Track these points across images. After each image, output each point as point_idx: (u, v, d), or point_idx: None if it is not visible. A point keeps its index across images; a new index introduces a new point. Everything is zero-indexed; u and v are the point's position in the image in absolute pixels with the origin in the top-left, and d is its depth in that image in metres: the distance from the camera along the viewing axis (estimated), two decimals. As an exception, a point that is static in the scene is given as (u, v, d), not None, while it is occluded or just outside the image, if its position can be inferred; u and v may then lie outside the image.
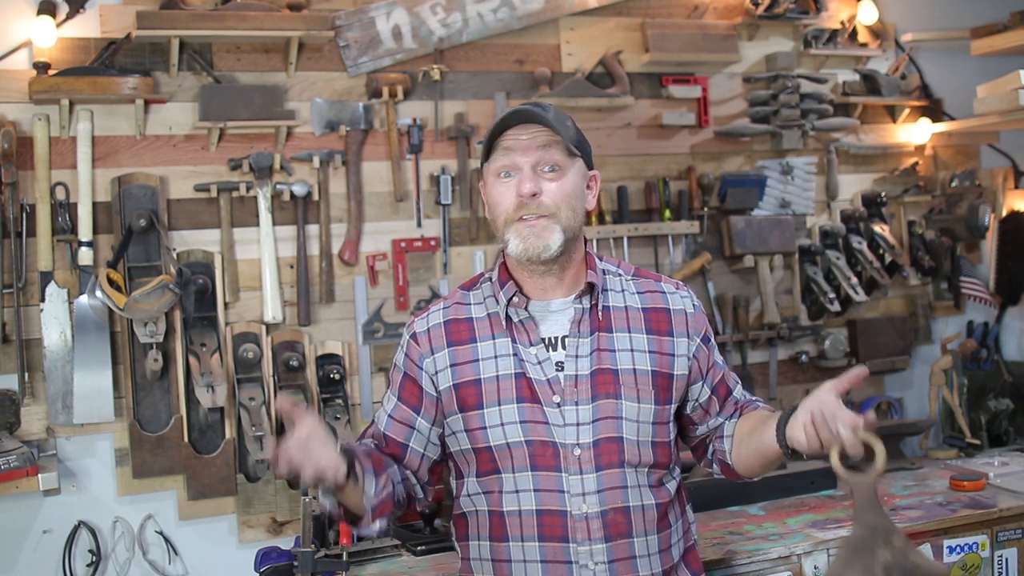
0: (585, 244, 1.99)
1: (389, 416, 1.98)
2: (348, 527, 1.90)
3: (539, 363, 1.90)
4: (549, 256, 1.85)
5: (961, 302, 3.83)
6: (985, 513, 2.79)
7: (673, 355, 1.95)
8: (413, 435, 1.97)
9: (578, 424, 1.87)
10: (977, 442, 3.49)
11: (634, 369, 1.91)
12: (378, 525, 1.88)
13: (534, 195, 1.83)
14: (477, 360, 1.92)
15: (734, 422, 2.03)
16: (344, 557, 2.42)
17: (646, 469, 1.91)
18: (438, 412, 1.96)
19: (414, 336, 1.99)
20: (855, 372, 1.76)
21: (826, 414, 1.74)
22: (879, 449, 1.68)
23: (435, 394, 1.95)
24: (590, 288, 1.93)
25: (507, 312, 1.92)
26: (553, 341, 1.92)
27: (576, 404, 1.87)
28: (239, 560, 2.89)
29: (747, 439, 1.95)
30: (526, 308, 1.93)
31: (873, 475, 1.73)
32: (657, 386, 1.92)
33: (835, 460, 1.75)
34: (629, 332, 1.93)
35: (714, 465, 2.07)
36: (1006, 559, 2.83)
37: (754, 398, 2.09)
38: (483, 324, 1.95)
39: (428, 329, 1.97)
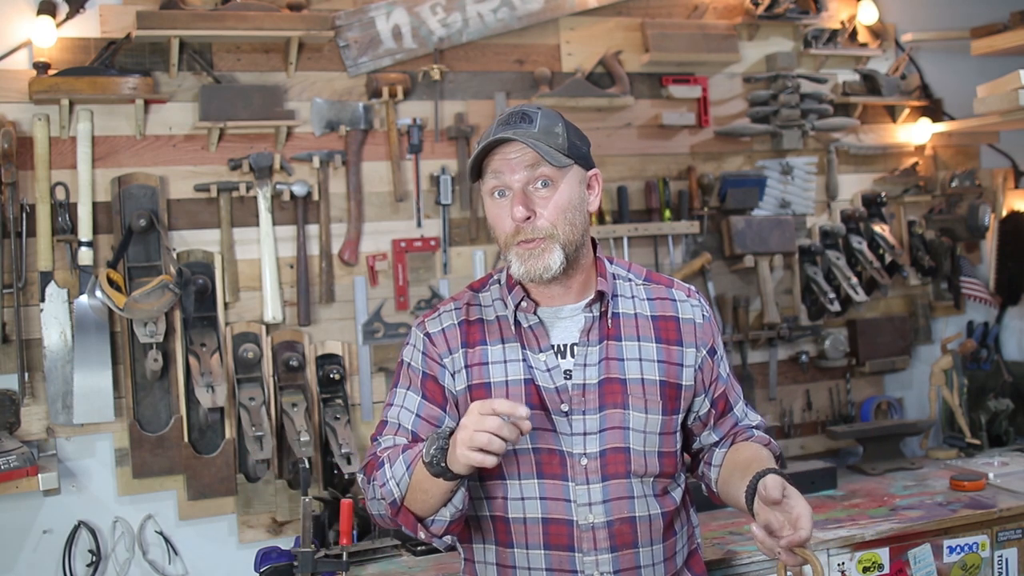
0: (595, 248, 1.96)
1: (416, 415, 1.93)
2: (411, 525, 1.82)
3: (548, 370, 1.87)
4: (550, 276, 1.83)
5: (961, 302, 3.83)
6: (985, 513, 2.79)
7: (681, 365, 1.93)
8: None
9: (585, 433, 1.85)
10: (977, 442, 3.49)
11: (642, 379, 1.89)
12: (448, 539, 1.85)
13: (528, 218, 1.80)
14: (487, 363, 1.90)
15: (723, 452, 1.99)
16: (344, 557, 2.42)
17: (652, 479, 1.89)
18: (457, 412, 1.93)
19: (429, 336, 1.95)
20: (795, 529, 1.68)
21: (770, 529, 1.69)
22: (815, 567, 1.66)
23: (455, 393, 1.93)
24: (600, 296, 1.90)
25: (516, 317, 1.90)
26: (562, 348, 1.89)
27: (584, 413, 1.85)
28: (239, 560, 2.89)
29: (729, 480, 1.92)
30: (535, 313, 1.90)
31: None
32: (665, 396, 1.90)
33: (780, 574, 1.75)
34: (638, 340, 1.91)
35: (703, 485, 2.06)
36: (1006, 559, 2.83)
37: (754, 423, 2.05)
38: (493, 327, 1.93)
39: (443, 329, 1.95)
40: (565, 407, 1.85)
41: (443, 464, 1.69)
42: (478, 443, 1.62)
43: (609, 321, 1.90)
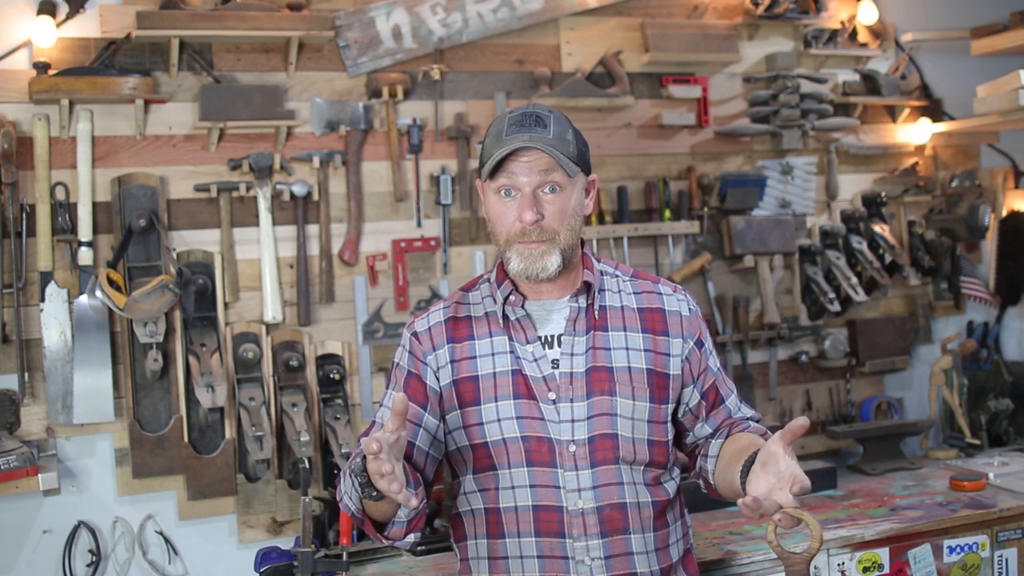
0: (583, 245, 1.99)
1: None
2: (373, 533, 1.88)
3: (535, 360, 1.91)
4: (547, 276, 1.88)
5: (961, 302, 3.83)
6: (985, 513, 2.79)
7: (668, 355, 1.96)
8: (420, 433, 1.96)
9: (573, 421, 1.88)
10: (977, 442, 3.49)
11: (629, 367, 1.92)
12: (412, 538, 1.87)
13: (536, 221, 1.84)
14: (475, 357, 1.94)
15: (720, 443, 2.00)
16: (344, 557, 2.42)
17: (642, 467, 1.92)
18: (441, 409, 1.97)
19: (416, 334, 2.00)
20: (798, 423, 1.66)
21: (761, 498, 1.64)
22: (814, 528, 1.63)
23: (438, 390, 1.96)
24: (586, 287, 1.94)
25: (504, 310, 1.94)
26: (549, 339, 1.93)
27: (571, 401, 1.89)
28: (239, 560, 2.89)
29: (726, 469, 1.92)
30: (523, 306, 1.95)
31: (806, 556, 1.68)
32: (653, 384, 1.93)
33: (770, 535, 1.71)
34: (625, 331, 1.95)
35: (700, 481, 2.07)
36: (1006, 559, 2.83)
37: (748, 415, 2.06)
38: (481, 322, 1.97)
39: (429, 328, 1.99)
40: (552, 395, 1.89)
41: (375, 492, 1.71)
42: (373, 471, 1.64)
43: (596, 313, 1.94)
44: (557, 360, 1.91)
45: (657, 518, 1.92)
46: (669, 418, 1.98)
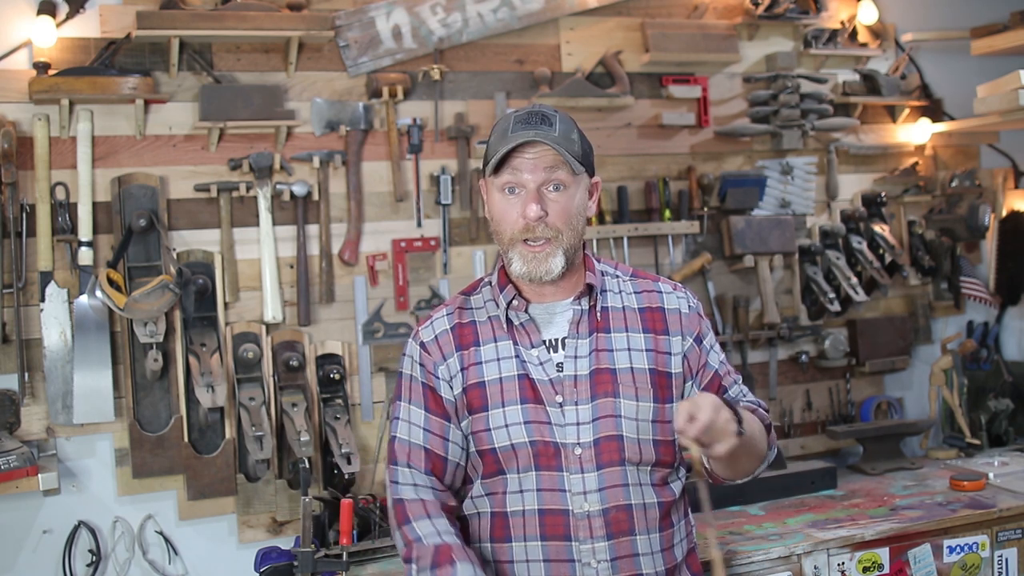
0: (584, 247, 2.00)
1: (425, 430, 1.96)
2: None
3: (541, 364, 1.92)
4: (550, 279, 1.89)
5: (961, 302, 3.83)
6: (985, 513, 2.79)
7: (670, 353, 1.96)
8: (449, 446, 1.97)
9: (578, 423, 1.88)
10: (977, 442, 3.49)
11: (631, 368, 1.92)
12: None
13: (540, 217, 1.84)
14: (481, 363, 1.94)
15: None
16: (344, 557, 2.42)
17: (648, 468, 1.92)
18: (459, 418, 1.97)
19: (423, 346, 1.99)
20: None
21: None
22: (693, 453, 1.77)
23: (454, 400, 1.96)
24: (588, 289, 1.94)
25: (507, 315, 1.94)
26: (554, 342, 1.94)
27: (576, 404, 1.89)
28: (239, 560, 2.89)
29: None
30: (526, 310, 1.95)
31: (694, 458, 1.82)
32: (656, 384, 1.93)
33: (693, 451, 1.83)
34: (627, 332, 1.95)
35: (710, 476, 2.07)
36: (1006, 559, 2.83)
37: (747, 401, 2.05)
38: (485, 327, 1.97)
39: (436, 337, 1.99)
40: (559, 399, 1.89)
41: None
42: None
43: (598, 315, 1.95)
44: (561, 363, 1.92)
45: (663, 518, 1.93)
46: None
